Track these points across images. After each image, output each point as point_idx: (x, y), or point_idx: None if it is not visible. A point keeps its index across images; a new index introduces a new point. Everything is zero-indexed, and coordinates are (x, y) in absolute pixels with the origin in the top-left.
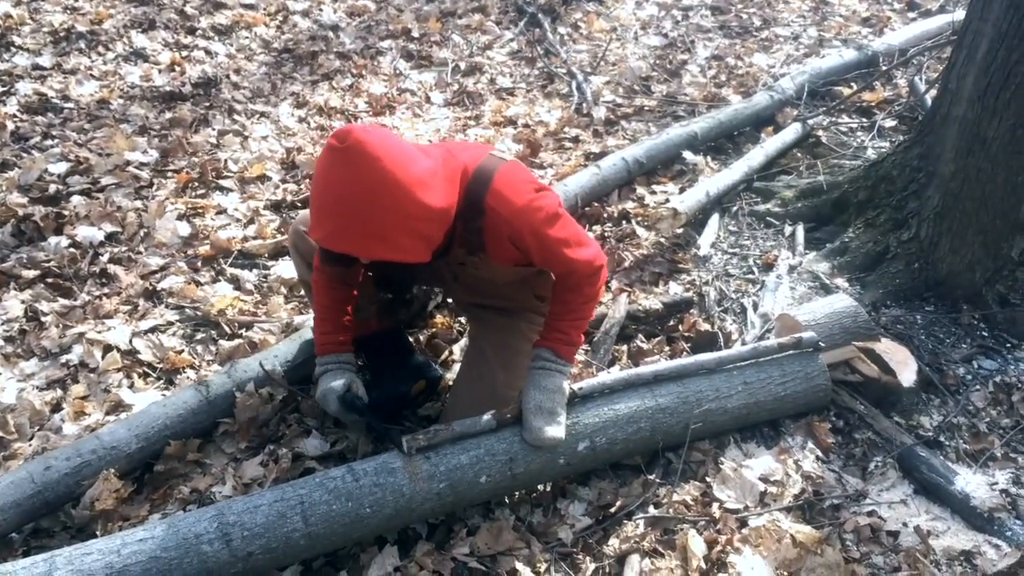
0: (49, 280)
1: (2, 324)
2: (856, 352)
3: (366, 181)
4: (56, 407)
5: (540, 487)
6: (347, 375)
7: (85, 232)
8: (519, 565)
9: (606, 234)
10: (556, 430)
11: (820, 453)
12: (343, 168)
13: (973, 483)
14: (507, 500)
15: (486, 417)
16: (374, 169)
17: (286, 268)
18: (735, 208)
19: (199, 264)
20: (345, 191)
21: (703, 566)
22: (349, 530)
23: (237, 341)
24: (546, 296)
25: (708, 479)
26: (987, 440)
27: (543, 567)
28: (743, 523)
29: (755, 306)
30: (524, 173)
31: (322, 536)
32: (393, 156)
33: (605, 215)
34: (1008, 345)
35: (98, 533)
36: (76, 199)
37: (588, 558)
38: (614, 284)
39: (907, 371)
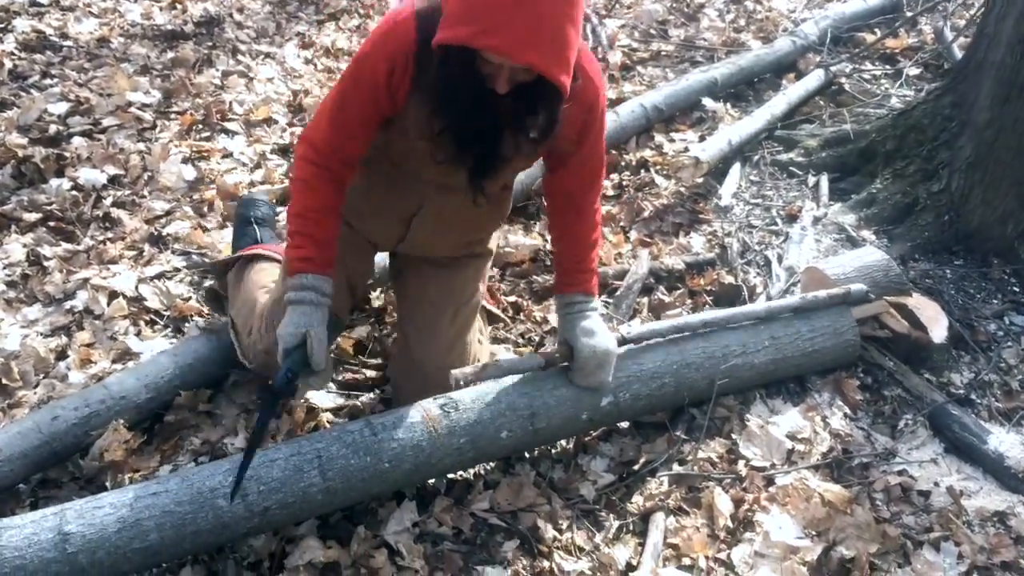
0: (51, 224)
1: (4, 268)
2: (886, 307)
3: None
4: (61, 354)
5: (561, 443)
6: (321, 316)
7: (87, 175)
8: (540, 522)
9: (624, 183)
10: (609, 372)
11: (848, 410)
12: None
13: (1007, 442)
14: (527, 456)
15: (536, 357)
16: None
17: None
18: (757, 157)
19: (205, 209)
20: None
21: (730, 525)
22: (368, 485)
23: None
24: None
25: (733, 436)
26: (1020, 398)
27: (565, 524)
28: (770, 481)
29: (780, 259)
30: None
31: (340, 491)
32: None
33: (623, 163)
34: None
35: (108, 484)
36: (77, 140)
37: (611, 515)
38: (634, 235)
39: (938, 327)
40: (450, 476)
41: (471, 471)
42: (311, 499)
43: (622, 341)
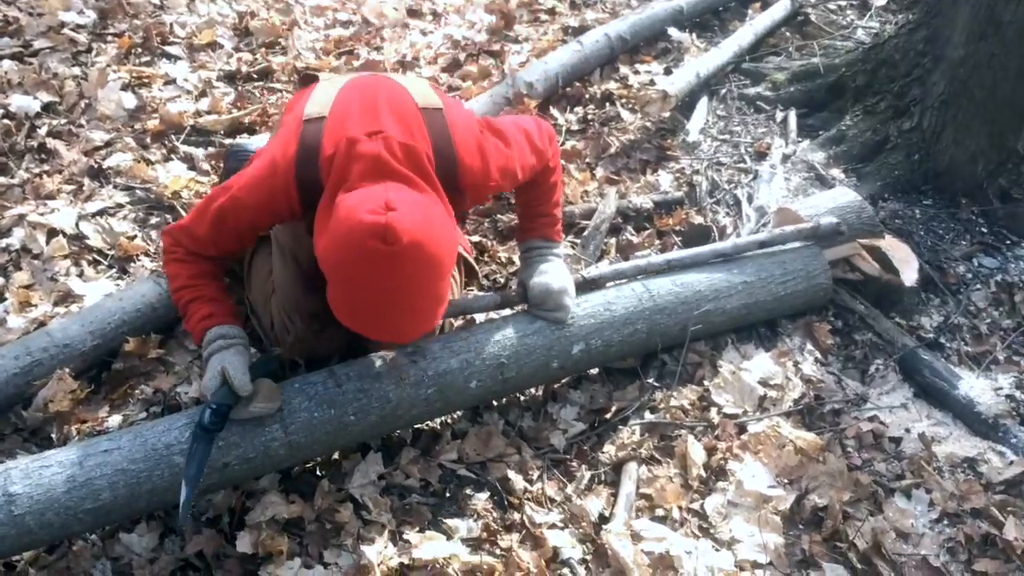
0: None
1: None
2: (858, 249)
3: (427, 276)
4: None
5: (530, 391)
6: (234, 351)
7: (19, 102)
8: (510, 473)
9: (589, 116)
10: (570, 302)
11: (819, 355)
12: (397, 269)
13: (977, 388)
14: (495, 404)
15: (492, 296)
16: (430, 263)
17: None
18: (724, 91)
19: (148, 140)
20: (403, 291)
21: (703, 474)
22: (332, 438)
23: None
24: None
25: (705, 382)
26: (989, 342)
27: (535, 474)
28: (742, 429)
29: (750, 198)
30: (464, 118)
31: (303, 445)
32: (440, 238)
33: (587, 96)
34: (1008, 242)
35: (53, 436)
36: (7, 64)
37: (583, 466)
38: (600, 172)
39: (909, 269)
40: (417, 426)
41: (438, 421)
42: (273, 454)
43: (584, 283)
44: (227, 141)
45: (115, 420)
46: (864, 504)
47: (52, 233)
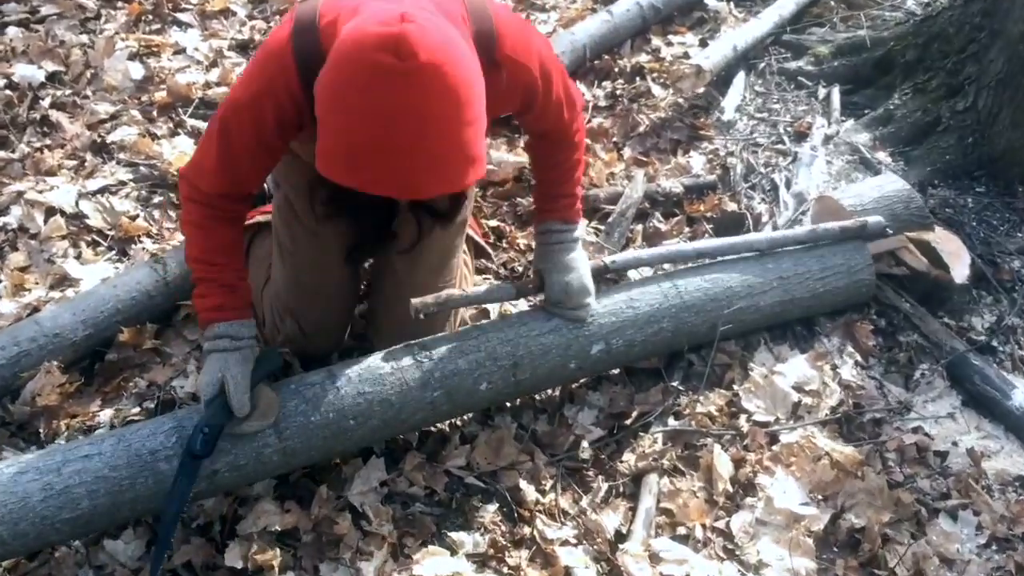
0: None
1: None
2: (905, 242)
3: (449, 111)
4: None
5: (546, 391)
6: (239, 358)
7: (23, 71)
8: (522, 482)
9: (618, 92)
10: (592, 301)
11: (860, 358)
12: (413, 94)
13: None
14: (508, 405)
15: (507, 287)
16: (452, 95)
17: None
18: (763, 65)
19: (155, 113)
20: (418, 123)
21: (729, 489)
22: (330, 443)
23: None
24: None
25: (735, 386)
26: None
27: (548, 484)
28: (774, 439)
29: (787, 183)
30: (508, 9)
31: (298, 451)
32: (467, 69)
33: (616, 70)
34: None
35: (41, 431)
36: (12, 31)
37: (600, 476)
38: (628, 152)
39: (960, 265)
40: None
41: (446, 423)
42: (266, 460)
43: (604, 270)
44: None
45: (107, 415)
46: (905, 526)
47: (51, 212)
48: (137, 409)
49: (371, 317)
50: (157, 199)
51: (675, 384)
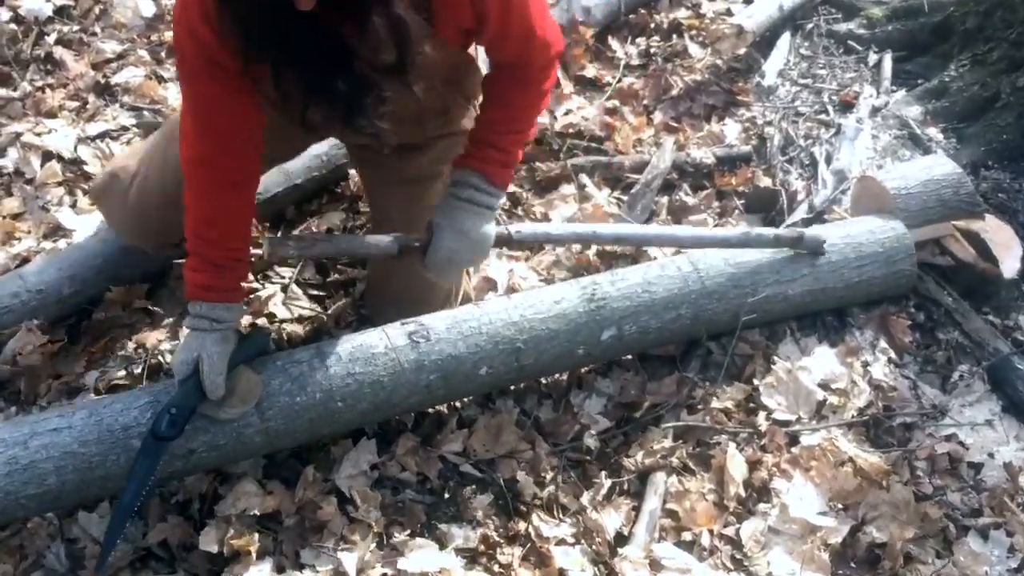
0: None
1: None
2: (951, 230)
3: None
4: None
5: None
6: (216, 338)
7: (31, 4)
8: (520, 475)
9: (652, 50)
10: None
11: (894, 355)
12: None
13: None
14: (511, 388)
15: (387, 239)
16: None
17: None
18: (810, 26)
19: (163, 54)
20: None
21: (742, 493)
22: (315, 426)
23: None
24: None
25: (755, 380)
26: None
27: (548, 476)
28: (794, 440)
29: (828, 159)
30: None
31: (282, 432)
32: None
33: (652, 25)
34: None
35: (22, 389)
36: None
37: (604, 471)
38: (658, 117)
39: (1010, 257)
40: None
41: (445, 404)
42: (247, 441)
43: (506, 240)
44: None
45: (92, 377)
46: (931, 543)
47: (47, 156)
48: (123, 373)
49: (366, 291)
50: None
51: (690, 375)
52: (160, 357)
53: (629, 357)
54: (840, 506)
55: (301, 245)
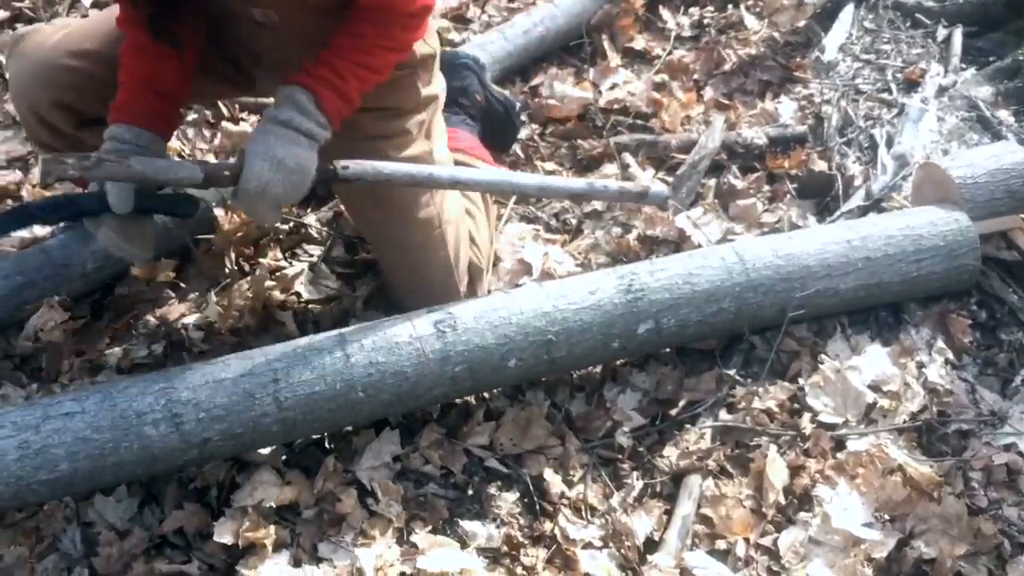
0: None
1: None
2: (1020, 223)
3: None
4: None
5: None
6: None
7: None
8: (548, 472)
9: (706, 21)
10: (277, 215)
11: (952, 356)
12: None
13: None
14: (542, 380)
15: (190, 165)
16: None
17: None
18: None
19: None
20: None
21: (782, 500)
22: (335, 416)
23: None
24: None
25: (801, 379)
26: None
27: (577, 474)
28: (840, 444)
29: (889, 141)
30: None
31: (300, 422)
32: None
33: None
34: None
35: (43, 365)
36: None
37: (636, 471)
38: (709, 93)
39: None
40: None
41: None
42: (263, 431)
43: (332, 176)
44: None
45: (115, 353)
46: (983, 560)
47: None
48: (145, 352)
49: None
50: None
51: (730, 373)
52: (184, 331)
53: (667, 350)
54: (887, 517)
55: (83, 164)
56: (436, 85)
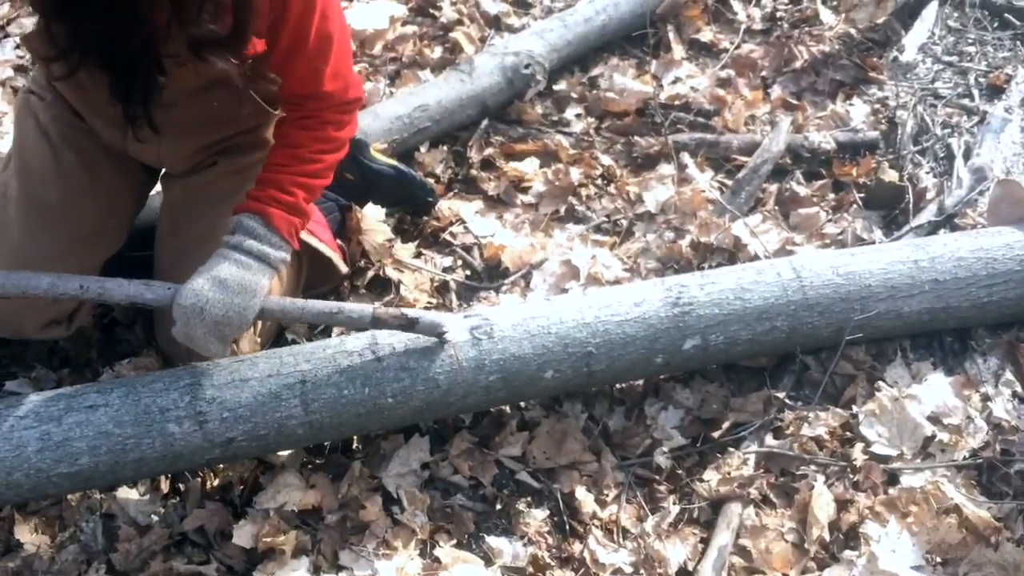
0: None
1: None
2: None
3: None
4: None
5: None
6: None
7: None
8: (581, 490)
9: (778, 14)
10: (221, 348)
11: (1020, 389)
12: None
13: None
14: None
15: (133, 287)
16: None
17: None
18: None
19: None
20: None
21: (826, 536)
22: (363, 421)
23: None
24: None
25: (855, 406)
26: None
27: (611, 494)
28: (893, 479)
29: (967, 153)
30: None
31: (326, 426)
32: None
33: None
34: None
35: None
36: None
37: (673, 495)
38: (776, 92)
39: None
40: None
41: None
42: (289, 433)
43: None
44: None
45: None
46: None
47: None
48: (147, 375)
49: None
50: None
51: (780, 394)
52: None
53: (713, 366)
54: (938, 561)
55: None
56: None
